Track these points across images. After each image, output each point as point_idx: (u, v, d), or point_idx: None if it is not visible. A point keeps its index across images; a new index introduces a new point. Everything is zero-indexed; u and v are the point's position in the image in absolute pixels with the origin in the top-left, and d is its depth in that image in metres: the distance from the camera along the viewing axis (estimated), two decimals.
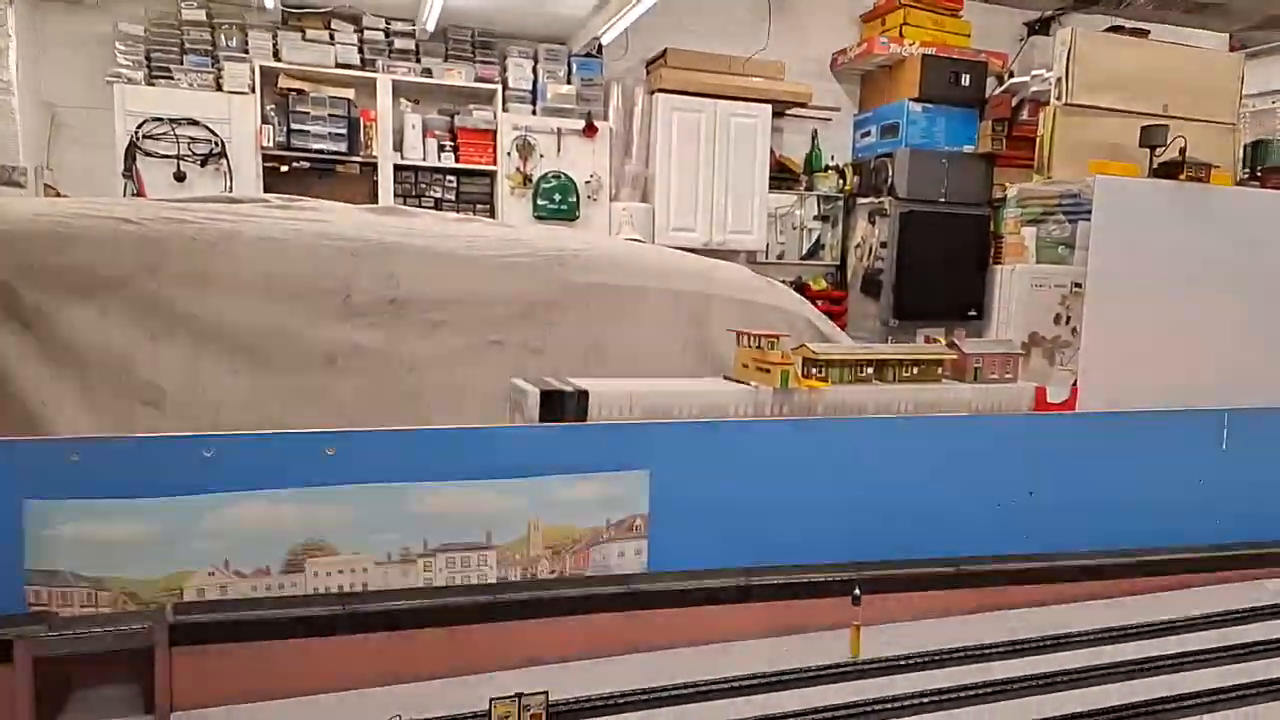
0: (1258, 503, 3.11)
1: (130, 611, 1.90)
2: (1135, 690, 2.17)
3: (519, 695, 1.80)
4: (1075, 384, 3.11)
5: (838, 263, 7.95)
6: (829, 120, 7.97)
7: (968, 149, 7.35)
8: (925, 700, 2.08)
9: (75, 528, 1.87)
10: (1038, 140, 4.18)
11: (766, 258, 7.57)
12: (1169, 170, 3.57)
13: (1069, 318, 3.93)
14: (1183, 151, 3.60)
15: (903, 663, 2.28)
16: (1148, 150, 3.67)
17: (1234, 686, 2.19)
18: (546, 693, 1.83)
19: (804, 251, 7.91)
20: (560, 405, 2.40)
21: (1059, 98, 4.02)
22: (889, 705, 2.05)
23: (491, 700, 1.79)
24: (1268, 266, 3.44)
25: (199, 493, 1.94)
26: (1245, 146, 4.18)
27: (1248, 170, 4.16)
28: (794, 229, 7.90)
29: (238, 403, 2.80)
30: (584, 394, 2.43)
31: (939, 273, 7.14)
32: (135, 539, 1.90)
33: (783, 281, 4.17)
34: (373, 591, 2.10)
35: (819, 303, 6.01)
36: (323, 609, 2.00)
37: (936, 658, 2.32)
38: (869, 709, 2.02)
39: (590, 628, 2.25)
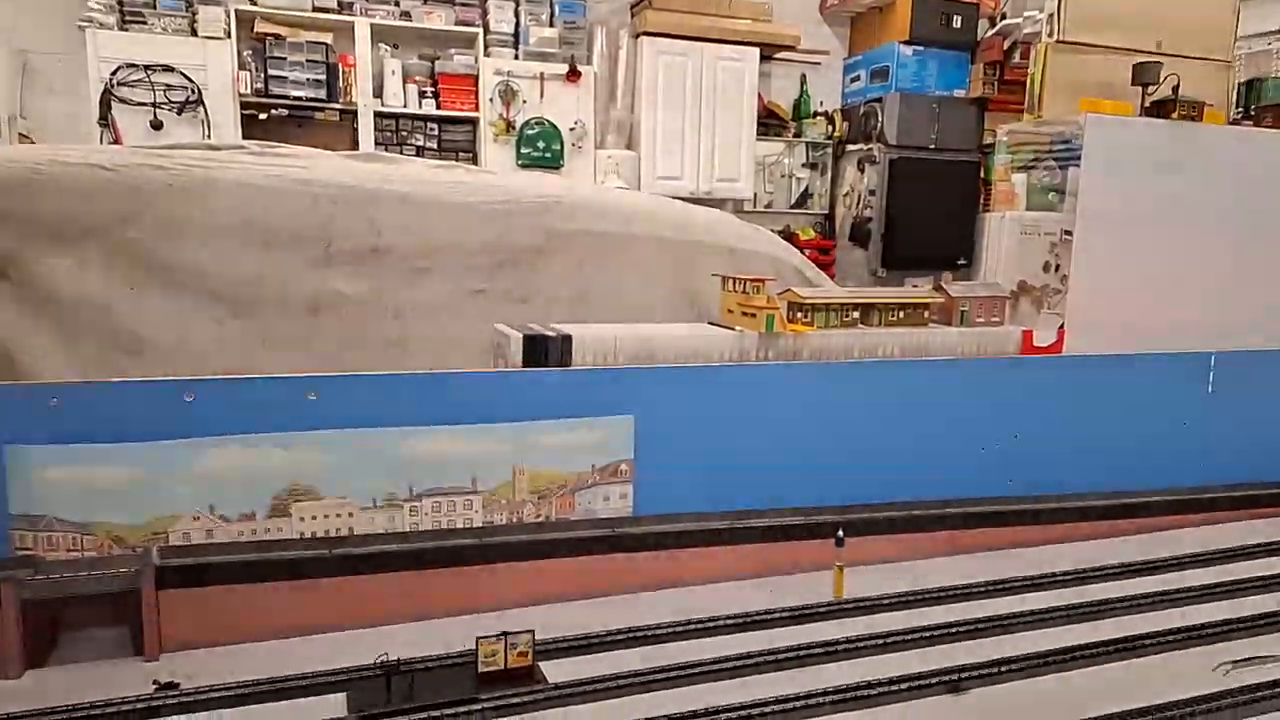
0: (1244, 444, 3.15)
1: (117, 555, 1.91)
2: (1121, 626, 2.21)
3: (505, 634, 1.82)
4: (1062, 327, 3.11)
5: (826, 211, 7.89)
6: (818, 65, 7.83)
7: (959, 94, 7.25)
8: (907, 638, 2.11)
9: (58, 472, 1.86)
10: (1028, 79, 4.12)
11: (754, 207, 7.49)
12: (1161, 109, 3.53)
13: (1058, 265, 3.92)
14: (1176, 90, 3.55)
15: (885, 602, 2.32)
16: (1140, 89, 3.62)
17: (1219, 622, 2.23)
18: (533, 631, 1.86)
19: (792, 200, 7.85)
20: (544, 350, 2.39)
21: (1050, 34, 3.94)
22: (871, 643, 2.08)
23: (478, 639, 1.81)
24: (1259, 207, 3.42)
25: (181, 437, 1.94)
26: (1239, 85, 4.13)
27: (1241, 109, 4.12)
28: (782, 177, 7.82)
29: (221, 352, 2.78)
30: (567, 339, 2.43)
31: (928, 221, 7.09)
32: (118, 483, 1.90)
33: (771, 231, 4.14)
34: (359, 536, 2.11)
35: (807, 252, 5.97)
36: (310, 552, 2.01)
37: (919, 597, 2.36)
38: (852, 646, 2.06)
39: (576, 571, 2.28)
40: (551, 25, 6.57)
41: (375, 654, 1.79)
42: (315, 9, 6.09)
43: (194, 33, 5.85)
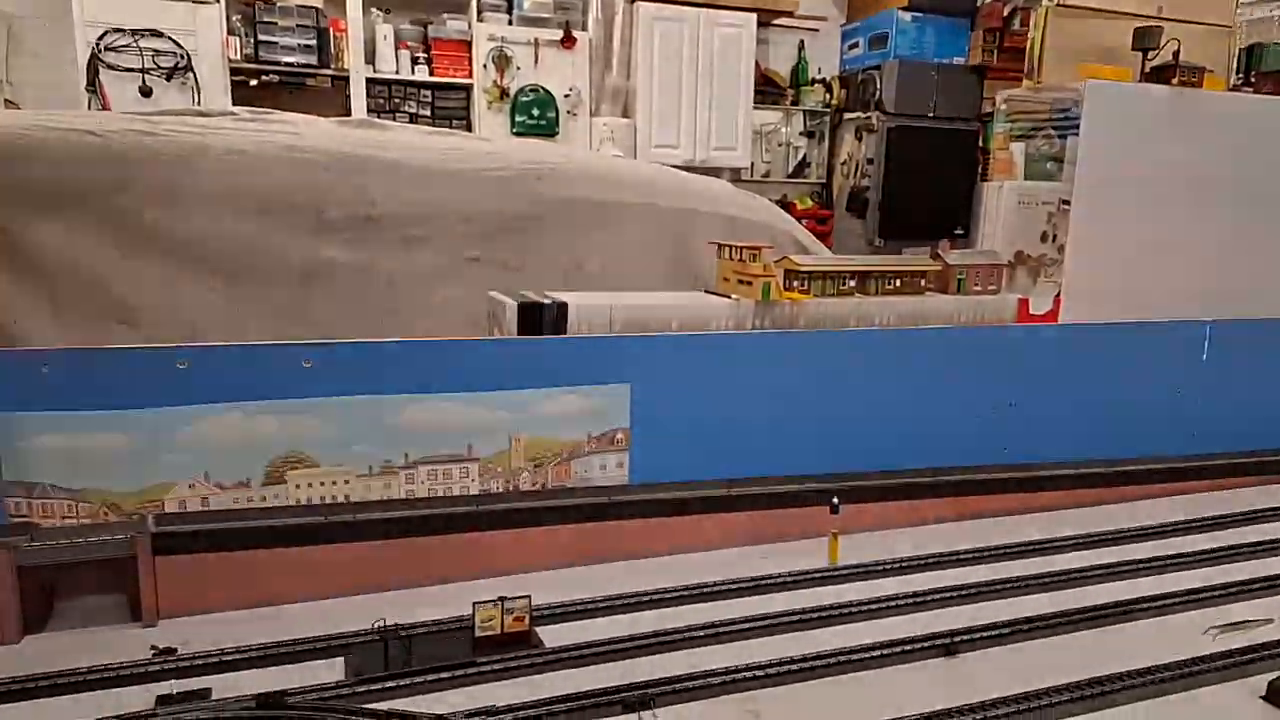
0: (1237, 413, 3.16)
1: (113, 522, 1.91)
2: (1113, 591, 2.22)
3: (501, 599, 1.83)
4: (1058, 295, 3.10)
5: (824, 181, 7.84)
6: (816, 31, 7.74)
7: (958, 61, 7.18)
8: (902, 603, 2.13)
9: (51, 439, 1.86)
10: (1028, 44, 4.06)
11: (751, 176, 7.45)
12: (1161, 74, 3.49)
13: (1055, 235, 3.90)
14: (1176, 55, 3.51)
15: (880, 568, 2.33)
16: (1140, 54, 3.58)
17: (1210, 587, 2.25)
18: (529, 597, 1.86)
19: (790, 170, 7.80)
20: (539, 318, 2.38)
21: None
22: (866, 608, 2.09)
23: (474, 604, 1.82)
24: (1256, 174, 3.40)
25: (175, 404, 1.93)
26: (1240, 51, 4.08)
27: (1241, 75, 4.08)
28: (779, 146, 7.76)
29: (214, 321, 2.76)
30: (563, 307, 2.41)
31: (926, 190, 7.05)
32: (112, 451, 1.89)
33: (769, 201, 4.11)
34: (355, 503, 2.11)
35: (804, 222, 5.92)
36: (306, 519, 2.01)
37: (914, 563, 2.37)
38: (847, 611, 2.07)
39: (573, 538, 2.28)
40: None
41: (372, 620, 1.79)
42: None
43: None
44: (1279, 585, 2.30)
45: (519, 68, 6.36)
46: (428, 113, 6.33)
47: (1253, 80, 4.00)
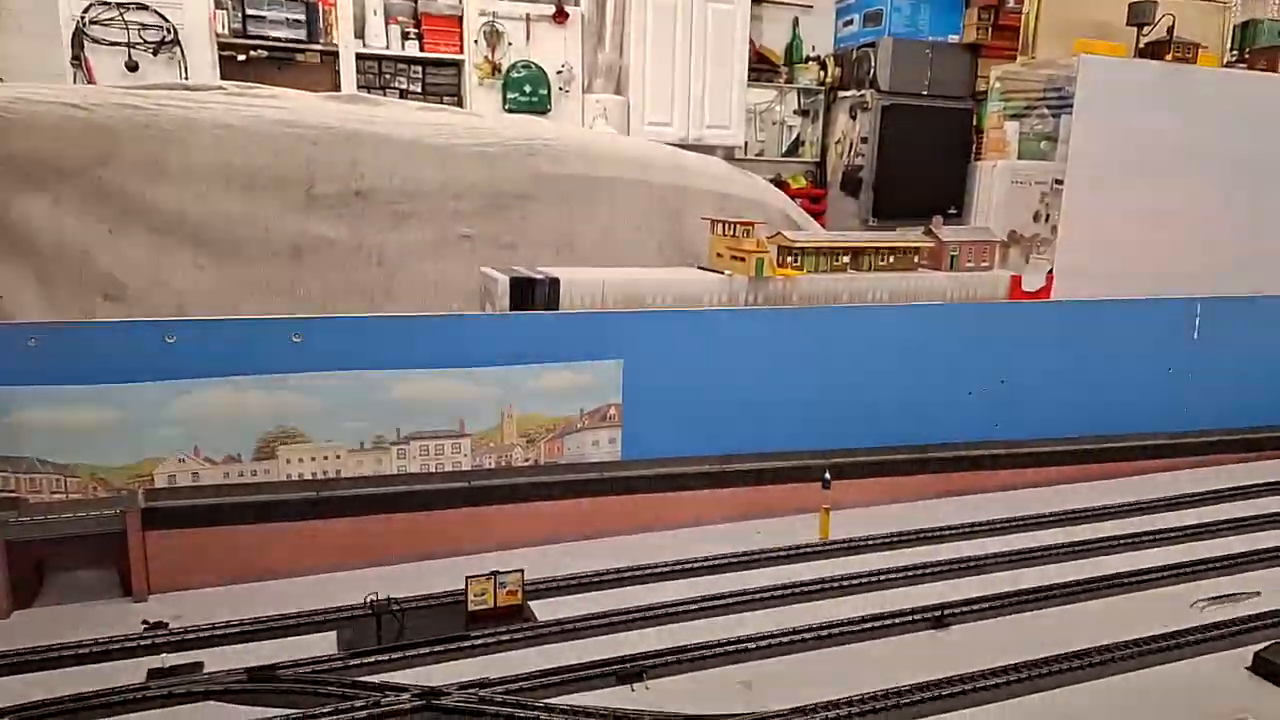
0: (1226, 390, 3.17)
1: (102, 497, 1.90)
2: (1102, 565, 2.24)
3: (494, 573, 1.83)
4: (1051, 272, 3.10)
5: (818, 160, 7.80)
6: (810, 8, 7.66)
7: (953, 39, 7.13)
8: (892, 576, 2.14)
9: (38, 414, 1.84)
10: (1022, 19, 4.03)
11: (745, 155, 7.39)
12: (1155, 50, 3.48)
13: (1048, 215, 3.89)
14: (1170, 31, 3.50)
15: (871, 543, 2.34)
16: (1134, 29, 3.55)
17: (1197, 561, 2.26)
18: (522, 570, 1.87)
19: (784, 148, 7.74)
20: (531, 293, 2.37)
21: None
22: (857, 581, 2.10)
23: (467, 578, 1.82)
24: (1249, 150, 3.39)
25: (163, 379, 1.91)
26: (1235, 27, 4.06)
27: (1235, 52, 4.06)
28: (774, 124, 7.70)
29: (203, 296, 2.73)
30: (555, 282, 2.40)
31: (920, 169, 7.01)
32: (100, 425, 1.87)
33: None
34: (346, 478, 2.10)
35: (798, 201, 5.90)
36: (298, 494, 2.01)
37: (905, 538, 2.38)
38: (838, 585, 2.08)
39: (566, 513, 2.28)
40: None
41: (364, 594, 1.79)
42: None
43: None
44: (1265, 559, 2.32)
45: (510, 43, 6.28)
46: (418, 89, 6.25)
47: (1246, 57, 3.99)
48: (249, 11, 5.79)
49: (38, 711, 1.46)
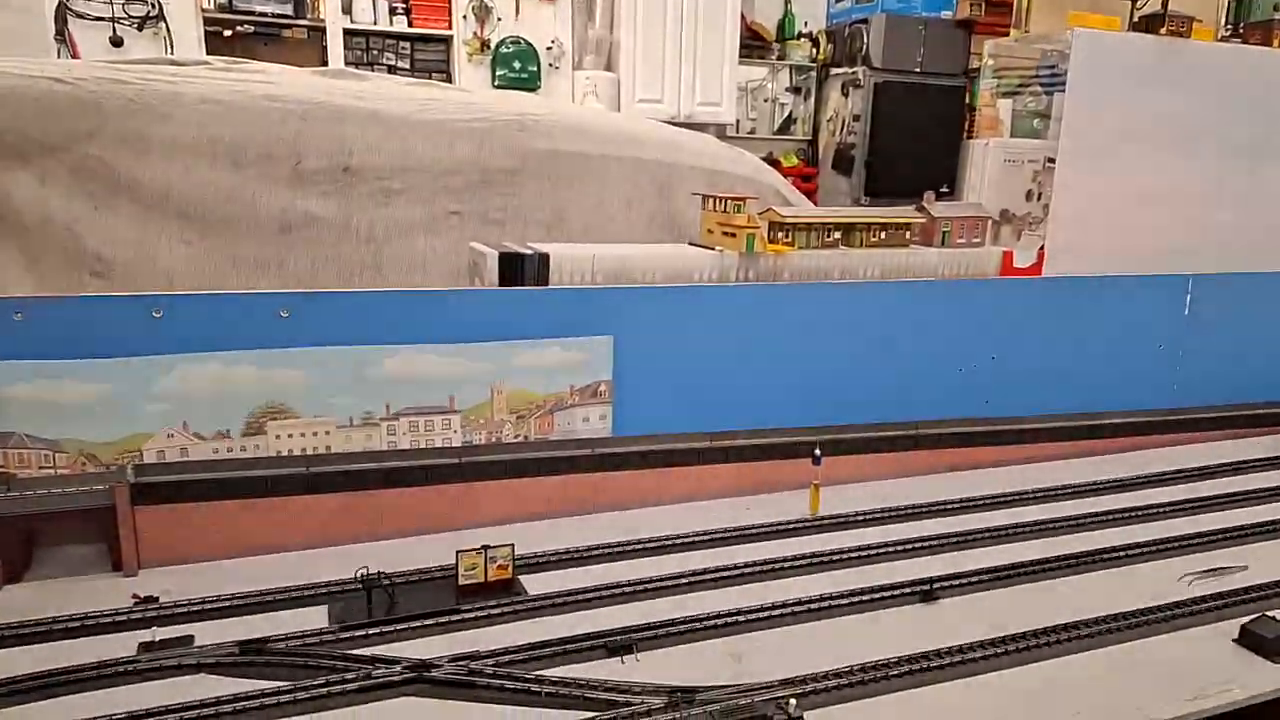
0: (1218, 367, 3.19)
1: (91, 473, 1.89)
2: (1091, 540, 2.26)
3: (485, 547, 1.83)
4: (1042, 249, 3.10)
5: (809, 138, 7.77)
6: None
7: (946, 15, 7.09)
8: (881, 551, 2.15)
9: (24, 389, 1.82)
10: None
11: (737, 133, 7.36)
12: (1150, 24, 3.46)
13: (1041, 194, 3.88)
14: (1165, 4, 3.48)
15: (860, 518, 2.35)
16: (1129, 3, 3.53)
17: (1182, 536, 2.28)
18: (512, 545, 1.87)
19: (775, 126, 7.71)
20: (521, 269, 2.36)
21: None
22: (846, 556, 2.11)
23: (458, 552, 1.82)
24: (1245, 126, 3.38)
25: (150, 354, 1.90)
26: (1229, 1, 4.05)
27: (1230, 26, 4.04)
28: (765, 102, 7.67)
29: (190, 273, 2.71)
30: (545, 257, 2.39)
31: (912, 147, 6.99)
32: (88, 400, 1.86)
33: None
34: (336, 454, 2.10)
35: (790, 179, 5.88)
36: (287, 470, 2.00)
37: (894, 513, 2.39)
38: (827, 559, 2.09)
39: (556, 490, 2.28)
40: None
41: (354, 569, 1.79)
42: None
43: None
44: (1254, 534, 2.34)
45: (500, 19, 6.23)
46: (407, 65, 6.21)
47: (1241, 31, 3.97)
48: None
49: (27, 684, 1.46)
